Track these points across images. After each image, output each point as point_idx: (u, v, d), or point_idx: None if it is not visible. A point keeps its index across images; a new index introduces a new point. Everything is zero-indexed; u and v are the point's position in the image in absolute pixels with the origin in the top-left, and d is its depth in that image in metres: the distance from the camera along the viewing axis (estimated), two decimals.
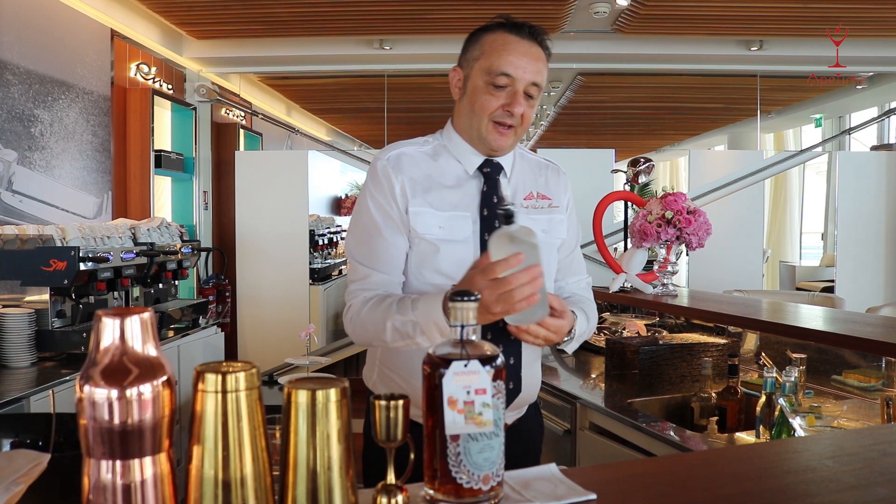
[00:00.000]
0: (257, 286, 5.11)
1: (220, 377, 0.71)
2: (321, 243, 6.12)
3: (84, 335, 2.72)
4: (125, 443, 0.67)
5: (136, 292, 3.38)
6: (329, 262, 6.34)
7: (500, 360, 0.85)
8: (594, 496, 0.87)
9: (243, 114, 6.09)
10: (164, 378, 0.70)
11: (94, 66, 4.03)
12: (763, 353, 2.39)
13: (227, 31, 4.87)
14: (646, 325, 3.08)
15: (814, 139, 8.11)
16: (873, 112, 6.92)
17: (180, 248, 3.60)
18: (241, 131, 6.08)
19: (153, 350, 0.70)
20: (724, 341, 2.64)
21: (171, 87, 4.89)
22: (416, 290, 1.41)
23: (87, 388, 0.67)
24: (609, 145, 8.59)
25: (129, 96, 4.45)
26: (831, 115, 7.61)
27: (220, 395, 0.71)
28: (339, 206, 8.81)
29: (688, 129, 8.99)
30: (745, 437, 1.99)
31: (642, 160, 3.91)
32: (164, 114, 4.92)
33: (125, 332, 0.69)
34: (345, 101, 7.12)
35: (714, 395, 2.22)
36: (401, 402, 0.81)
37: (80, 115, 3.88)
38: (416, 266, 1.42)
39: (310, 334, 3.22)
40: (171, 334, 3.40)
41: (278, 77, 6.14)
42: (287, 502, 0.75)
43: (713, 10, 4.36)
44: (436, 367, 0.83)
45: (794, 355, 1.99)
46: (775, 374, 1.91)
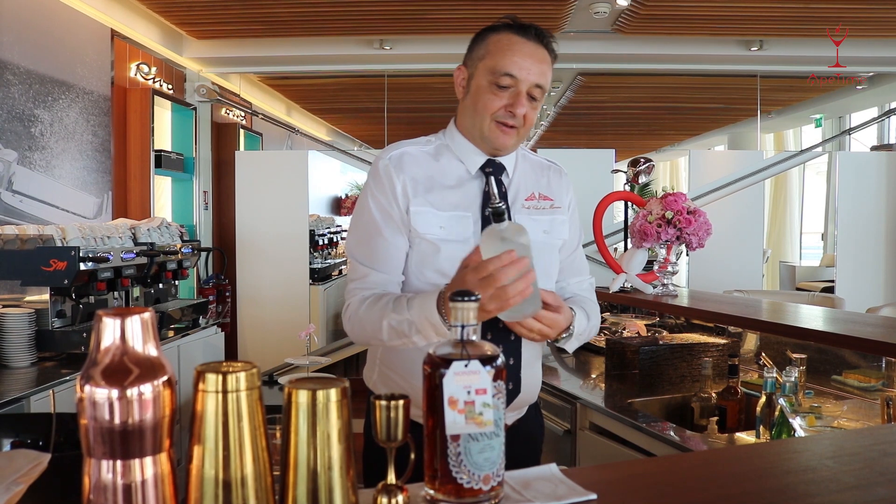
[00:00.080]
0: (257, 286, 5.11)
1: (221, 377, 0.71)
2: (321, 243, 6.12)
3: (84, 335, 2.72)
4: (126, 443, 0.67)
5: (136, 292, 3.38)
6: (329, 262, 6.34)
7: (500, 360, 0.85)
8: (594, 496, 0.87)
9: (243, 114, 6.09)
10: (165, 378, 0.70)
11: (94, 66, 4.03)
12: (763, 354, 2.39)
13: (227, 31, 4.87)
14: (646, 325, 3.08)
15: (814, 139, 8.12)
16: (873, 112, 6.92)
17: (180, 248, 3.60)
18: (241, 131, 6.08)
19: (154, 350, 0.70)
20: (724, 341, 2.64)
21: (171, 87, 4.89)
22: (417, 289, 1.41)
23: (87, 387, 0.67)
24: (609, 145, 8.59)
25: (129, 96, 4.46)
26: (831, 116, 7.61)
27: (220, 395, 0.71)
28: (340, 206, 8.81)
29: (688, 129, 8.98)
30: (746, 437, 1.99)
31: (642, 160, 3.91)
32: (164, 114, 4.92)
33: (126, 332, 0.69)
34: (345, 101, 7.12)
35: (714, 395, 2.22)
36: (401, 402, 0.81)
37: (80, 115, 3.88)
38: (417, 266, 1.42)
39: (310, 334, 3.22)
40: (171, 334, 3.40)
41: (278, 77, 6.14)
42: (287, 502, 0.75)
43: (713, 10, 4.36)
44: (436, 367, 0.83)
45: (795, 355, 1.99)
46: (775, 375, 1.91)
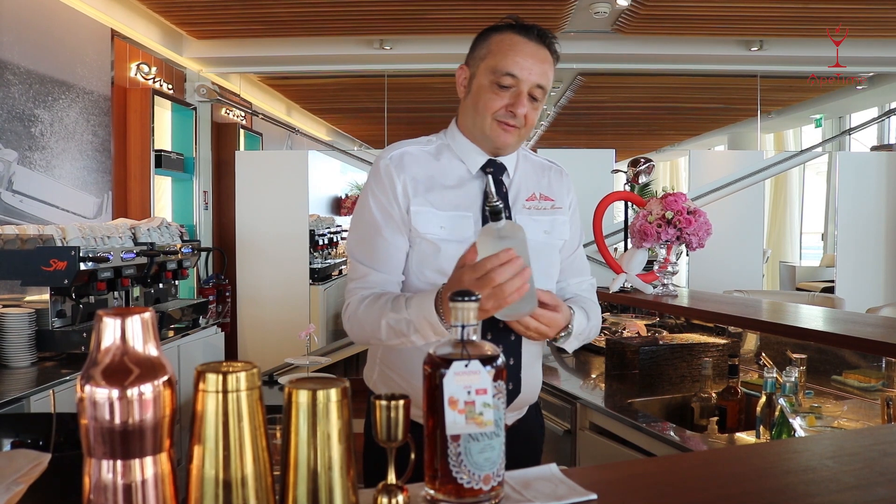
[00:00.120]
0: (257, 286, 5.11)
1: (221, 377, 0.71)
2: (321, 243, 6.12)
3: (84, 335, 2.72)
4: (126, 443, 0.67)
5: (136, 292, 3.38)
6: (329, 262, 6.34)
7: (500, 360, 0.85)
8: (595, 496, 0.87)
9: (243, 114, 6.09)
10: (165, 378, 0.70)
11: (95, 66, 4.03)
12: (763, 354, 2.39)
13: (227, 31, 4.87)
14: (646, 326, 3.08)
15: (814, 139, 8.12)
16: (873, 112, 6.92)
17: (180, 248, 3.60)
18: (242, 131, 6.08)
19: (154, 350, 0.70)
20: (724, 341, 2.64)
21: (171, 87, 4.89)
22: (417, 289, 1.41)
23: (88, 387, 0.67)
24: (609, 145, 8.58)
25: (129, 96, 4.46)
26: (831, 116, 7.61)
27: (220, 395, 0.71)
28: (340, 206, 8.80)
29: (688, 129, 8.98)
30: (746, 437, 1.99)
31: (642, 160, 3.90)
32: (164, 114, 4.92)
33: (126, 332, 0.69)
34: (345, 101, 7.12)
35: (714, 395, 2.22)
36: (401, 402, 0.81)
37: (80, 114, 3.88)
38: (418, 265, 1.42)
39: (310, 334, 3.22)
40: (171, 334, 3.40)
41: (278, 77, 6.14)
42: (288, 502, 0.75)
43: (713, 10, 4.36)
44: (437, 367, 0.83)
45: (795, 355, 1.99)
46: (775, 375, 1.91)
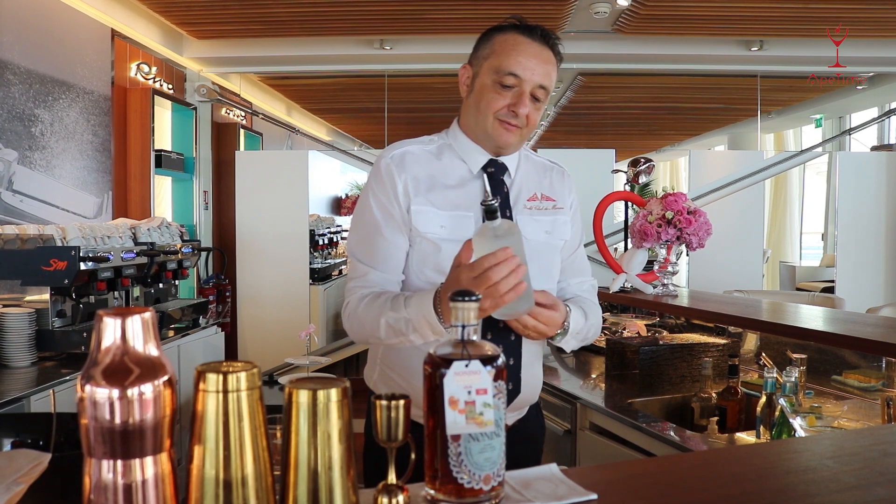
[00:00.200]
0: (257, 286, 5.11)
1: (222, 377, 0.71)
2: (321, 243, 6.12)
3: (84, 335, 2.72)
4: (126, 442, 0.67)
5: (136, 292, 3.38)
6: (329, 262, 6.34)
7: (500, 360, 0.85)
8: (595, 496, 0.87)
9: (243, 114, 6.09)
10: (166, 378, 0.70)
11: (95, 66, 4.03)
12: (763, 354, 2.39)
13: (227, 31, 4.87)
14: (646, 326, 3.08)
15: (814, 139, 8.12)
16: (873, 112, 6.92)
17: (180, 248, 3.60)
18: (242, 131, 6.08)
19: (154, 350, 0.70)
20: (724, 341, 2.64)
21: (171, 86, 4.89)
22: (417, 288, 1.41)
23: (88, 387, 0.67)
24: (609, 145, 8.59)
25: (129, 96, 4.46)
26: (831, 116, 7.61)
27: (221, 395, 0.71)
28: (340, 206, 8.80)
29: (688, 129, 8.98)
30: (746, 437, 1.99)
31: (642, 160, 3.90)
32: (164, 114, 4.92)
33: (126, 331, 0.69)
34: (345, 101, 7.12)
35: (714, 395, 2.22)
36: (402, 402, 0.81)
37: (80, 114, 3.88)
38: (418, 265, 1.42)
39: (310, 334, 3.23)
40: (171, 334, 3.40)
41: (278, 77, 6.14)
42: (288, 502, 0.75)
43: (713, 10, 4.36)
44: (437, 366, 0.83)
45: (795, 355, 1.99)
46: (776, 375, 1.91)
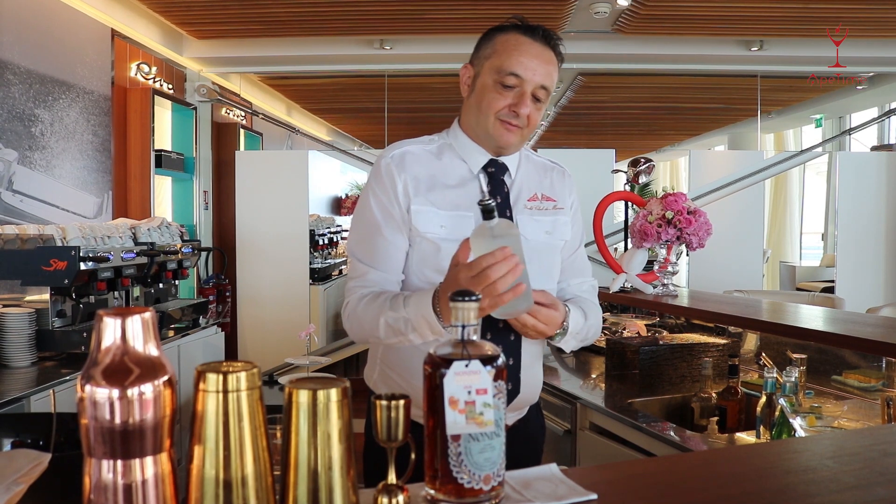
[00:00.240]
0: (257, 286, 5.11)
1: (222, 377, 0.71)
2: (321, 243, 6.12)
3: (84, 335, 2.72)
4: (126, 442, 0.67)
5: (136, 292, 3.38)
6: (329, 262, 6.34)
7: (500, 360, 0.85)
8: (595, 496, 0.87)
9: (243, 114, 6.09)
10: (166, 378, 0.70)
11: (95, 66, 4.03)
12: (763, 354, 2.39)
13: (227, 31, 4.87)
14: (646, 326, 3.08)
15: (814, 139, 8.12)
16: (873, 112, 6.92)
17: (180, 248, 3.60)
18: (242, 131, 6.08)
19: (154, 350, 0.70)
20: (724, 341, 2.64)
21: (171, 86, 4.89)
22: (417, 288, 1.41)
23: (88, 387, 0.67)
24: (609, 145, 8.59)
25: (129, 96, 4.46)
26: (831, 116, 7.61)
27: (221, 395, 0.71)
28: (340, 206, 8.80)
29: (688, 129, 8.98)
30: (746, 437, 1.99)
31: (642, 160, 3.90)
32: (164, 114, 4.92)
33: (126, 331, 0.69)
34: (345, 101, 7.12)
35: (714, 395, 2.22)
36: (402, 402, 0.81)
37: (80, 114, 3.88)
38: (418, 265, 1.42)
39: (310, 334, 3.22)
40: (171, 334, 3.40)
41: (278, 77, 6.14)
42: (288, 502, 0.75)
43: (713, 10, 4.36)
44: (437, 366, 0.83)
45: (795, 355, 1.99)
46: (776, 375, 1.91)
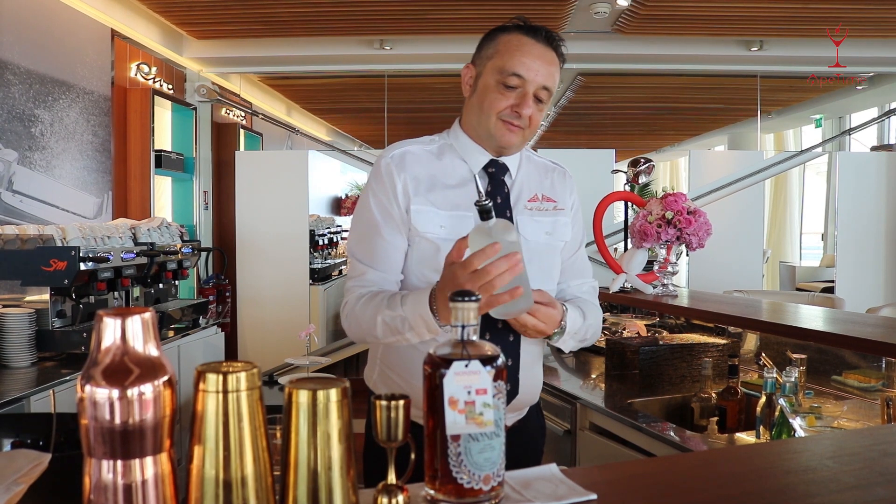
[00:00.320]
0: (257, 286, 5.11)
1: (222, 377, 0.71)
2: (321, 243, 6.12)
3: (84, 335, 2.72)
4: (126, 443, 0.67)
5: (136, 292, 3.38)
6: (329, 262, 6.34)
7: (500, 360, 0.85)
8: (595, 496, 0.86)
9: (243, 114, 6.09)
10: (165, 378, 0.70)
11: (95, 66, 4.03)
12: (763, 354, 2.39)
13: (227, 31, 4.87)
14: (646, 326, 3.08)
15: (814, 139, 8.12)
16: (873, 112, 6.92)
17: (180, 248, 3.60)
18: (242, 131, 6.08)
19: (154, 350, 0.70)
20: (724, 342, 2.64)
21: (171, 87, 4.89)
22: (416, 288, 1.40)
23: (88, 387, 0.67)
24: (609, 145, 8.60)
25: (129, 96, 4.46)
26: (831, 116, 7.61)
27: (221, 395, 0.71)
28: (340, 206, 8.80)
29: (688, 129, 8.98)
30: (746, 437, 1.99)
31: (642, 160, 3.90)
32: (164, 114, 4.92)
33: (126, 332, 0.69)
34: (345, 101, 7.12)
35: (714, 395, 2.22)
36: (402, 403, 0.81)
37: (80, 115, 3.88)
38: (417, 265, 1.42)
39: (310, 334, 3.22)
40: (171, 334, 3.40)
41: (278, 77, 6.14)
42: (288, 502, 0.75)
43: (713, 11, 4.36)
44: (437, 367, 0.83)
45: (795, 356, 1.99)
46: (775, 375, 1.91)
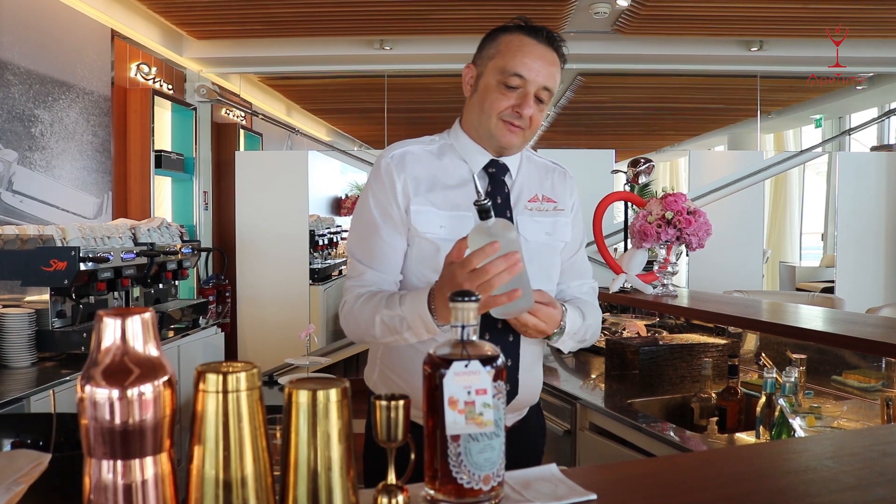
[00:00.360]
0: (257, 286, 5.11)
1: (222, 377, 0.71)
2: (321, 243, 6.12)
3: (84, 335, 2.72)
4: (126, 443, 0.67)
5: (136, 292, 3.38)
6: (329, 262, 6.34)
7: (500, 360, 0.85)
8: (594, 496, 0.87)
9: (243, 114, 6.09)
10: (165, 378, 0.70)
11: (95, 67, 4.03)
12: (763, 354, 2.39)
13: (227, 31, 4.87)
14: (646, 326, 3.08)
15: (814, 140, 8.12)
16: (873, 112, 6.92)
17: (180, 249, 3.60)
18: (242, 131, 6.08)
19: (154, 350, 0.70)
20: (724, 342, 2.64)
21: (171, 87, 4.89)
22: (416, 288, 1.40)
23: (88, 388, 0.67)
24: (609, 145, 8.59)
25: (129, 96, 4.46)
26: (831, 116, 7.61)
27: (221, 396, 0.71)
28: (339, 206, 8.80)
29: (688, 129, 8.98)
30: (745, 437, 1.99)
31: (642, 160, 3.90)
32: (164, 114, 4.92)
33: (126, 332, 0.69)
34: (345, 101, 7.12)
35: (714, 395, 2.22)
36: (401, 403, 0.81)
37: (80, 115, 3.88)
38: (417, 265, 1.42)
39: (310, 334, 3.22)
40: (171, 334, 3.40)
41: (278, 77, 6.14)
42: (288, 502, 0.75)
43: (713, 11, 4.36)
44: (436, 367, 0.83)
45: (794, 356, 1.99)
46: (775, 375, 1.91)
